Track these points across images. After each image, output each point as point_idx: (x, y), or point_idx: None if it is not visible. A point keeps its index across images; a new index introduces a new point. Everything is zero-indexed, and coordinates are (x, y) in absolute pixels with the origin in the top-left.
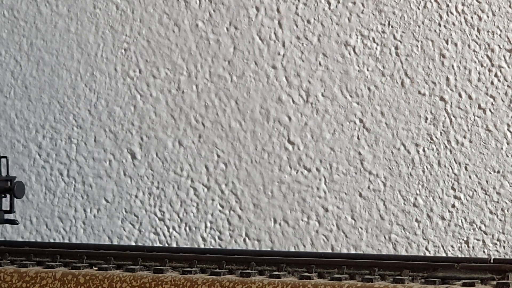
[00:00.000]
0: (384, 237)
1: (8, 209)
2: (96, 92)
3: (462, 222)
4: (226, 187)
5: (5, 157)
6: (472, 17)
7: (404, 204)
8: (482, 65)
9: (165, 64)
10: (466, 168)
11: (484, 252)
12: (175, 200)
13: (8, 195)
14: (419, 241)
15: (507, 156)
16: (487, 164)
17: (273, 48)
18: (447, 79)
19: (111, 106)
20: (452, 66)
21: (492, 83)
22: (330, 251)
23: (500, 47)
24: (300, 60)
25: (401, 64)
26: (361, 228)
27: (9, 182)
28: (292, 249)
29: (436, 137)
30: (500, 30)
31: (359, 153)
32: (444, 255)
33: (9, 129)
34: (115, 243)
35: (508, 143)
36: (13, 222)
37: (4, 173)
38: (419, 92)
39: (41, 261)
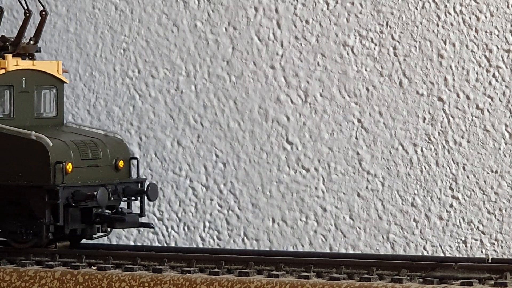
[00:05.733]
0: (382, 236)
1: (139, 212)
2: (95, 92)
3: (460, 222)
4: (224, 187)
5: (136, 158)
6: (470, 18)
7: (402, 204)
8: (480, 66)
9: (164, 64)
10: (464, 168)
11: (482, 252)
12: (173, 200)
13: (139, 198)
14: (417, 241)
15: (505, 156)
16: (485, 164)
17: (272, 48)
18: (445, 79)
19: (110, 106)
20: (450, 66)
21: (490, 83)
22: (328, 250)
23: (498, 48)
24: (298, 60)
25: (399, 64)
26: (359, 228)
27: (139, 184)
28: (291, 249)
29: (434, 137)
30: (498, 31)
31: (357, 153)
32: (442, 255)
33: None
34: (114, 242)
35: (506, 143)
36: (148, 225)
37: (134, 175)
38: (417, 92)
39: (40, 261)
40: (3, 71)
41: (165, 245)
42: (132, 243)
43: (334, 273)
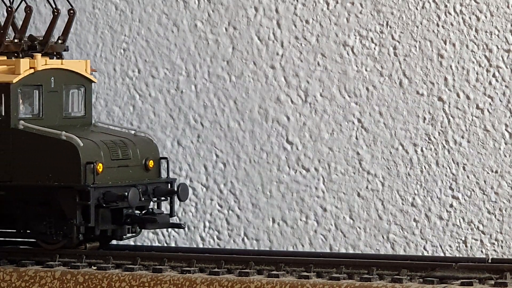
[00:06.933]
0: (382, 236)
1: (168, 212)
2: (95, 92)
3: (460, 222)
4: (224, 187)
5: (165, 158)
6: (470, 18)
7: (402, 204)
8: (480, 66)
9: (164, 64)
10: (464, 168)
11: (482, 251)
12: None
13: (169, 198)
14: (417, 241)
15: (505, 156)
16: (485, 164)
17: (272, 48)
18: (445, 79)
19: (110, 106)
20: (450, 66)
21: (490, 83)
22: (328, 250)
23: (498, 48)
24: (298, 60)
25: (400, 64)
26: (360, 228)
27: (169, 184)
28: (291, 249)
29: (434, 137)
30: (498, 31)
31: (358, 153)
32: (442, 254)
33: None
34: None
35: (506, 143)
36: (179, 226)
37: (164, 175)
38: (417, 92)
39: (40, 261)
40: (32, 70)
41: (165, 245)
42: (132, 243)
43: (334, 273)
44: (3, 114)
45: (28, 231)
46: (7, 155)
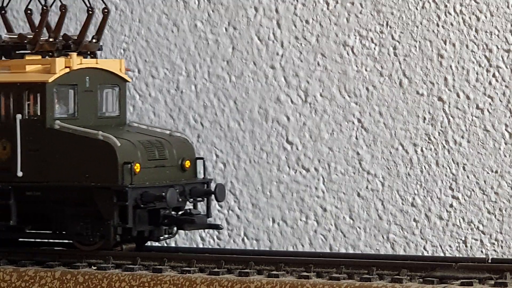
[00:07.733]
0: (382, 236)
1: (205, 213)
2: None
3: (460, 222)
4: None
5: (202, 158)
6: (470, 18)
7: (402, 204)
8: (480, 66)
9: (164, 64)
10: (464, 168)
11: (482, 252)
12: None
13: (205, 199)
14: (417, 241)
15: (505, 156)
16: (485, 164)
17: (272, 48)
18: (445, 79)
19: None
20: (450, 66)
21: (490, 83)
22: (328, 250)
23: (498, 48)
24: (298, 60)
25: (399, 64)
26: (359, 228)
27: (205, 185)
28: (291, 249)
29: (434, 137)
30: (498, 31)
31: (358, 153)
32: (442, 254)
33: None
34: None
35: (506, 143)
36: (217, 226)
37: (200, 176)
38: (417, 92)
39: (40, 261)
40: (67, 70)
41: (165, 245)
42: None
43: (334, 273)
44: (39, 113)
45: (63, 232)
46: (43, 155)
